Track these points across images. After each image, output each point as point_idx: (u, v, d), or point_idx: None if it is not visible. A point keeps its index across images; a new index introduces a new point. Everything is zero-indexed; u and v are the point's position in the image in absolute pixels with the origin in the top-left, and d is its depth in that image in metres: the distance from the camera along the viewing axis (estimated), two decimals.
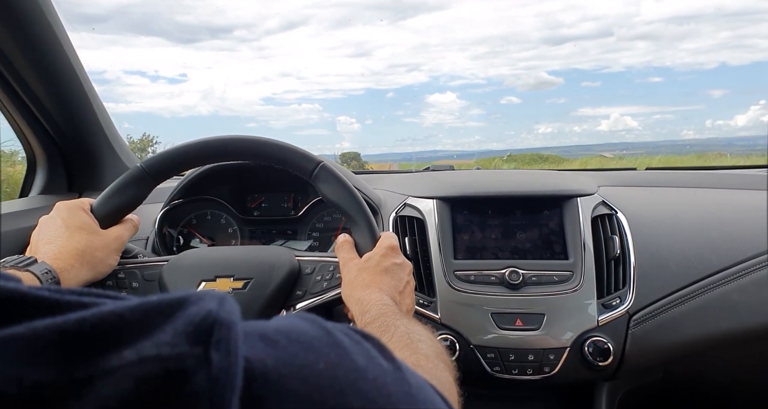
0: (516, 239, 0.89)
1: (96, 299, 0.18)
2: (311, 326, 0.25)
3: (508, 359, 0.77)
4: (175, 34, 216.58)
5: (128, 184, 0.64)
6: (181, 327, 0.17)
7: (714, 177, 1.15)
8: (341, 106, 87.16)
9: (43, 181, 1.05)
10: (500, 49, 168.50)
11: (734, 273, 0.82)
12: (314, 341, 0.23)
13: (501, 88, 69.85)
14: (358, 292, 0.57)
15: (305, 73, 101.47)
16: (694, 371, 0.89)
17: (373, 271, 0.60)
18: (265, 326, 0.23)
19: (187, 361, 0.16)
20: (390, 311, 0.52)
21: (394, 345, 0.45)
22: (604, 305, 0.80)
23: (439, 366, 0.44)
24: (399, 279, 0.60)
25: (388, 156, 2.81)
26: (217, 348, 0.17)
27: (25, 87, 0.88)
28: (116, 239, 0.63)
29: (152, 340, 0.16)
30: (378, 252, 0.62)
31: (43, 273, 0.53)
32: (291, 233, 1.02)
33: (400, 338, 0.46)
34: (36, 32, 0.81)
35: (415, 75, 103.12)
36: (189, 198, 0.97)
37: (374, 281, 0.58)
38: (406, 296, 0.60)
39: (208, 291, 0.20)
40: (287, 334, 0.22)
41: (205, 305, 0.18)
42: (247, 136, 0.66)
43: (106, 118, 1.07)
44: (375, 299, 0.54)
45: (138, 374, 0.15)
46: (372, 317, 0.51)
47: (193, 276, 0.63)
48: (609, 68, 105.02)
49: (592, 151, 2.64)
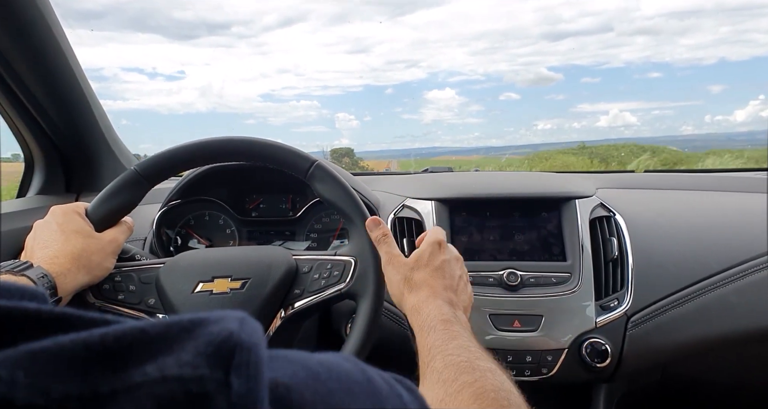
0: (514, 241, 0.89)
1: (117, 318, 0.19)
2: (354, 368, 0.24)
3: (506, 361, 0.77)
4: (172, 31, 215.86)
5: (123, 188, 0.64)
6: (202, 348, 0.17)
7: (712, 180, 1.15)
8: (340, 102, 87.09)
9: (41, 182, 1.05)
10: (499, 45, 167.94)
11: (732, 275, 0.82)
12: (353, 385, 0.23)
13: (500, 85, 69.78)
14: (412, 297, 0.55)
15: (303, 69, 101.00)
16: (692, 373, 0.89)
17: (425, 272, 0.57)
18: (309, 356, 0.22)
19: (207, 384, 0.16)
20: (459, 335, 0.48)
21: (484, 403, 0.40)
22: (602, 307, 0.80)
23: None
24: (452, 277, 0.58)
25: (387, 153, 2.80)
26: (237, 373, 0.17)
27: (23, 87, 0.88)
28: (111, 242, 0.63)
29: (174, 357, 0.16)
30: (426, 249, 0.59)
31: (39, 277, 0.53)
32: (289, 234, 1.02)
33: (488, 393, 0.41)
34: (34, 31, 0.81)
35: (414, 71, 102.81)
36: (187, 199, 0.97)
37: (427, 284, 0.55)
38: (461, 292, 0.58)
39: (228, 312, 0.19)
40: (329, 369, 0.22)
41: (225, 325, 0.18)
42: (242, 136, 0.66)
43: (104, 118, 1.07)
44: (434, 311, 0.51)
45: (159, 392, 0.15)
46: (441, 339, 0.47)
47: (191, 277, 0.63)
48: (608, 64, 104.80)
49: None
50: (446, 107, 44.56)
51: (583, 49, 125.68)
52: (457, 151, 3.66)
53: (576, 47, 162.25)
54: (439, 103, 42.97)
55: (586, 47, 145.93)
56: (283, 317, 0.63)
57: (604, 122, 15.43)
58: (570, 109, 58.27)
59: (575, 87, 74.96)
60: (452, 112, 46.09)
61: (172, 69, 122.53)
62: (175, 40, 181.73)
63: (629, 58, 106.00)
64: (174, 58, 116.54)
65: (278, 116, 63.25)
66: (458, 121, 41.70)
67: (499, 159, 2.24)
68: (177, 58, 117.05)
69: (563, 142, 3.81)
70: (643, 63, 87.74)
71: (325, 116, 43.39)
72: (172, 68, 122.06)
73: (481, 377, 0.43)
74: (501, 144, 6.88)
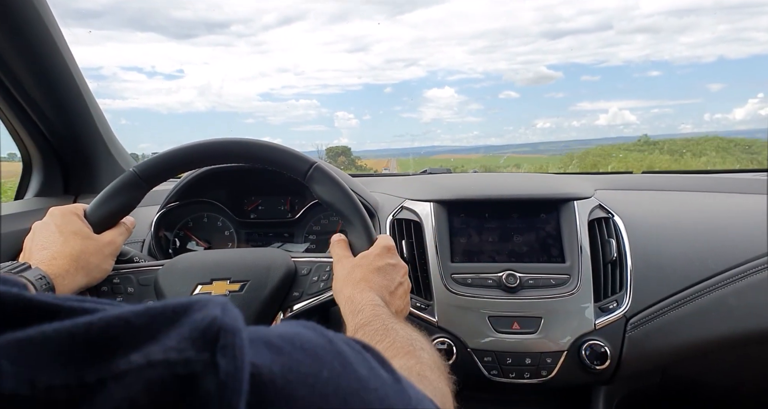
0: (513, 242, 0.89)
1: (96, 305, 0.19)
2: (314, 334, 0.25)
3: (505, 363, 0.77)
4: (171, 30, 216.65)
5: (121, 189, 0.64)
6: (187, 333, 0.17)
7: (711, 181, 1.15)
8: (339, 101, 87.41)
9: (39, 184, 1.05)
10: (499, 44, 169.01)
11: (731, 276, 0.82)
12: (318, 350, 0.23)
13: (499, 83, 70.25)
14: (348, 289, 0.57)
15: (303, 68, 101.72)
16: (691, 374, 0.89)
17: (366, 269, 0.59)
18: (269, 332, 0.23)
19: (194, 366, 0.17)
20: (384, 313, 0.51)
21: (396, 351, 0.45)
22: (601, 309, 0.80)
23: (441, 378, 0.43)
24: (391, 280, 0.60)
25: (386, 152, 2.80)
26: (223, 354, 0.17)
27: (21, 88, 0.88)
28: (110, 244, 0.63)
29: (159, 344, 0.17)
30: (373, 251, 0.62)
31: (37, 279, 0.53)
32: (288, 235, 1.02)
33: (403, 345, 0.46)
34: (31, 32, 0.81)
35: (413, 70, 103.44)
36: (185, 201, 0.96)
37: (365, 279, 0.58)
38: (397, 298, 0.60)
39: (211, 297, 0.20)
40: (291, 341, 0.23)
41: (209, 311, 0.19)
42: (240, 138, 0.66)
43: (102, 119, 1.06)
44: (366, 298, 0.54)
45: (147, 377, 0.16)
46: (366, 318, 0.51)
47: (189, 279, 0.63)
48: (608, 62, 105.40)
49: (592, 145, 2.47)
50: (446, 106, 44.64)
51: (583, 48, 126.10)
52: (456, 150, 3.66)
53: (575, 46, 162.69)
54: (439, 102, 43.05)
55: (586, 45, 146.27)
56: (282, 320, 0.63)
57: (603, 121, 15.47)
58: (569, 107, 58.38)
59: (575, 85, 75.22)
60: (451, 111, 46.17)
61: (171, 68, 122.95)
62: (174, 39, 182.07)
63: (628, 57, 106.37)
64: (173, 57, 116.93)
65: (277, 115, 63.39)
66: (458, 120, 41.78)
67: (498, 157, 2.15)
68: (176, 57, 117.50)
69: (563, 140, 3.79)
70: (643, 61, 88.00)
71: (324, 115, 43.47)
72: (171, 67, 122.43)
73: (397, 337, 0.47)
74: (501, 143, 6.89)
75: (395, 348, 0.45)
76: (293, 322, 0.27)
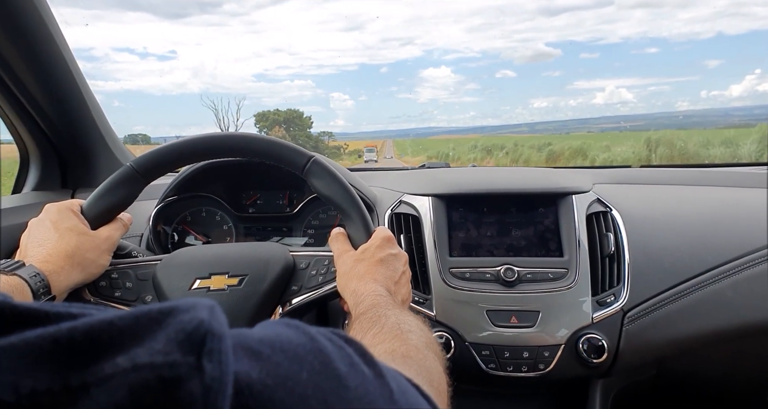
0: (511, 237, 0.89)
1: (83, 310, 0.19)
2: (295, 333, 0.25)
3: (503, 357, 0.77)
4: (162, 9, 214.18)
5: (118, 184, 0.64)
6: (173, 335, 0.17)
7: (709, 175, 1.15)
8: (334, 82, 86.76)
9: (37, 178, 1.04)
10: (495, 21, 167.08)
11: (728, 270, 0.82)
12: (298, 349, 0.23)
13: (496, 62, 69.79)
14: (353, 283, 0.57)
15: (297, 48, 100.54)
16: (688, 367, 0.90)
17: (369, 262, 0.60)
18: (249, 336, 0.23)
19: (180, 369, 0.17)
20: (383, 302, 0.52)
21: (384, 336, 0.45)
22: (598, 302, 0.80)
23: (428, 357, 0.44)
24: (394, 269, 0.61)
25: (383, 133, 2.79)
26: (209, 358, 0.17)
27: (18, 82, 0.87)
28: (107, 240, 0.62)
29: (144, 347, 0.17)
30: (373, 243, 0.63)
31: (32, 276, 0.52)
32: (286, 230, 1.02)
33: (391, 329, 0.46)
34: (29, 26, 0.80)
35: (409, 49, 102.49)
36: (184, 195, 0.96)
37: (369, 272, 0.58)
38: (401, 286, 0.61)
39: (198, 299, 0.20)
40: (271, 344, 0.23)
41: (196, 313, 0.19)
42: (238, 132, 0.66)
43: (100, 113, 1.06)
44: (369, 289, 0.55)
45: (132, 381, 0.16)
46: (365, 307, 0.51)
47: (188, 274, 0.63)
48: (605, 39, 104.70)
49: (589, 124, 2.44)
50: (442, 86, 44.42)
51: (580, 25, 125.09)
52: (454, 131, 3.63)
53: (573, 22, 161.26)
54: (435, 82, 42.82)
55: (583, 22, 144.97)
56: (280, 314, 0.63)
57: (600, 99, 15.40)
58: (566, 86, 58.13)
59: (572, 63, 74.82)
60: (448, 91, 45.98)
61: (164, 49, 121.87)
62: (166, 19, 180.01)
63: (626, 34, 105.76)
64: (165, 37, 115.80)
65: (273, 96, 63.03)
66: (454, 100, 41.60)
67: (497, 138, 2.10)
68: (168, 38, 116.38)
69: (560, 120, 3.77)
70: (640, 38, 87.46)
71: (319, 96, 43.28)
72: (164, 48, 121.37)
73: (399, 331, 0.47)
74: (498, 123, 6.87)
75: (383, 334, 0.45)
76: (276, 321, 0.28)
